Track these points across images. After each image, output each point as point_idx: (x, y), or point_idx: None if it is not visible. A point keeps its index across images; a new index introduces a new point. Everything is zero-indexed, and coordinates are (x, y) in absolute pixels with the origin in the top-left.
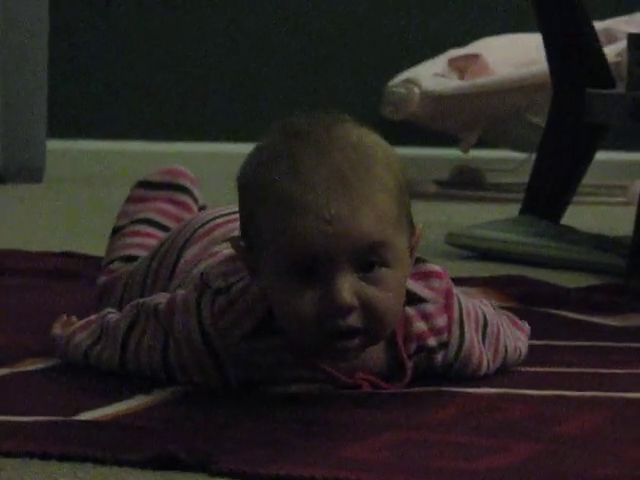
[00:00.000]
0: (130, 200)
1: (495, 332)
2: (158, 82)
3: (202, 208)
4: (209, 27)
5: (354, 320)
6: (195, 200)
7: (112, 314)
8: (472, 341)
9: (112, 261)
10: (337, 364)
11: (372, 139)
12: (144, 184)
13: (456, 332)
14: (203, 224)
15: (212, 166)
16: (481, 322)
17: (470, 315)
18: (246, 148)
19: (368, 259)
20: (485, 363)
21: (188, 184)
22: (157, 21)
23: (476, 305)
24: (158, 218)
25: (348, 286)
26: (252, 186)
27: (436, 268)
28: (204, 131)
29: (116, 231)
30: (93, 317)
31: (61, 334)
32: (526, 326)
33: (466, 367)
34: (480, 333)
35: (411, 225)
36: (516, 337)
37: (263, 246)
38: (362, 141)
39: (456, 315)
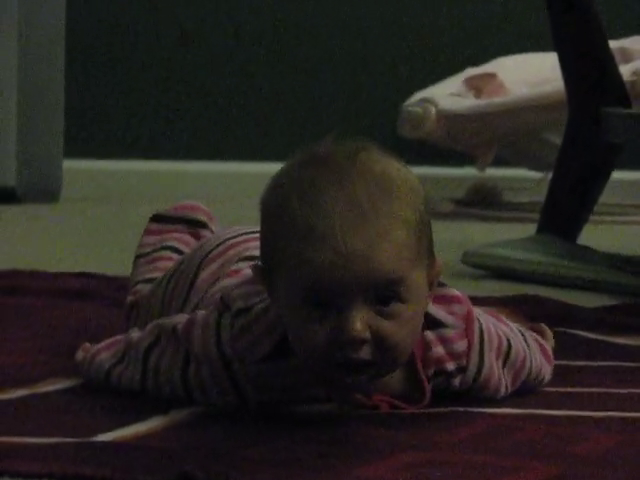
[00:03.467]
0: (148, 232)
1: (520, 358)
2: (175, 102)
3: None
4: (224, 48)
5: (365, 353)
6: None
7: (135, 334)
8: (492, 367)
9: (137, 283)
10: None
11: (396, 170)
12: (160, 218)
13: (475, 358)
14: (218, 244)
15: (228, 185)
16: (504, 348)
17: (492, 341)
18: (261, 168)
19: (384, 294)
20: (503, 389)
21: (205, 219)
22: (173, 42)
23: (500, 330)
24: (180, 246)
25: (361, 319)
26: (271, 213)
27: (456, 293)
28: (220, 150)
29: (139, 257)
30: (119, 337)
31: (84, 356)
32: (549, 349)
33: (483, 391)
34: (502, 359)
35: (432, 256)
36: (543, 364)
37: (280, 273)
38: (385, 172)
39: (476, 340)
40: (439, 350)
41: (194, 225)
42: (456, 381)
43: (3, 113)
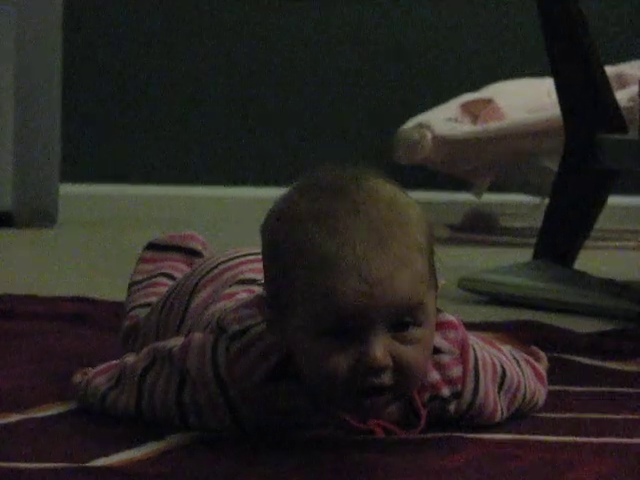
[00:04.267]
0: (143, 261)
1: (515, 384)
2: (172, 127)
3: None
4: (221, 72)
5: (386, 378)
6: None
7: (130, 358)
8: (487, 393)
9: (133, 308)
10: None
11: (401, 195)
12: (154, 246)
13: (470, 384)
14: (212, 268)
15: (224, 210)
16: (499, 373)
17: (487, 367)
18: (256, 193)
19: (403, 320)
20: (499, 414)
21: (200, 248)
22: (172, 66)
23: (494, 356)
24: (175, 274)
25: (383, 346)
26: (282, 244)
27: (451, 318)
28: (217, 176)
29: (133, 285)
30: (114, 362)
31: (81, 379)
32: (543, 372)
33: (479, 416)
34: (497, 384)
35: (435, 278)
36: (537, 388)
37: (295, 303)
38: (394, 198)
39: (471, 366)
40: (434, 376)
41: (189, 254)
42: (451, 407)
43: (0, 137)
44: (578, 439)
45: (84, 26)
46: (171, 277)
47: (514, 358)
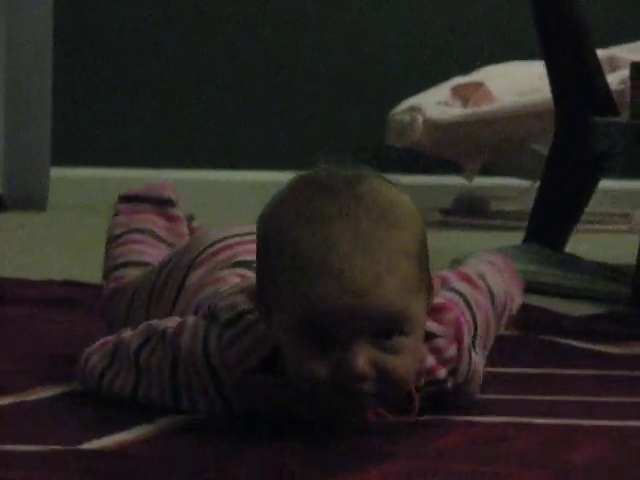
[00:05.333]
0: (120, 213)
1: (500, 306)
2: (162, 110)
3: (190, 217)
4: (214, 55)
5: (368, 386)
6: (189, 218)
7: (126, 334)
8: (475, 357)
9: (115, 268)
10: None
11: (397, 199)
12: (129, 198)
13: (466, 358)
14: (210, 245)
15: (216, 193)
16: (489, 307)
17: (469, 332)
18: (251, 176)
19: (387, 329)
20: (482, 371)
21: (173, 197)
22: (162, 49)
23: (482, 289)
24: (152, 228)
25: (365, 355)
26: (272, 241)
27: (443, 301)
28: (210, 159)
29: (112, 240)
30: (110, 337)
31: (80, 359)
32: (514, 270)
33: (470, 384)
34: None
35: (429, 279)
36: (512, 299)
37: (279, 303)
38: (388, 203)
39: (466, 342)
40: (430, 361)
41: (162, 204)
42: (448, 384)
43: None
44: (571, 421)
45: (76, 8)
46: (148, 232)
47: (481, 277)
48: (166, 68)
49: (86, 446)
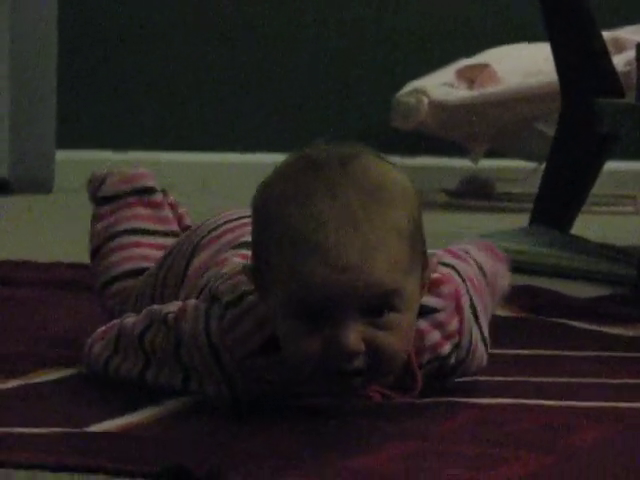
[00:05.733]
0: (98, 218)
1: (491, 279)
2: (168, 93)
3: (173, 205)
4: (217, 37)
5: (359, 363)
6: (164, 196)
7: (129, 319)
8: (477, 336)
9: (112, 281)
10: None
11: (390, 177)
12: (105, 199)
13: (467, 331)
14: (212, 230)
15: (222, 176)
16: (482, 281)
17: (476, 286)
18: (254, 159)
19: (377, 305)
20: (483, 349)
21: (150, 183)
22: (167, 32)
23: (472, 264)
24: (137, 224)
25: (355, 332)
26: (264, 220)
27: (440, 275)
28: (213, 141)
29: (95, 252)
30: (114, 322)
31: (85, 345)
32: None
33: (473, 361)
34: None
35: (424, 259)
36: (499, 274)
37: (272, 281)
38: (379, 181)
39: (467, 315)
40: (434, 336)
41: (140, 193)
42: (452, 359)
43: None
44: (575, 403)
45: None
46: (134, 231)
47: (473, 259)
48: (171, 51)
49: (92, 428)
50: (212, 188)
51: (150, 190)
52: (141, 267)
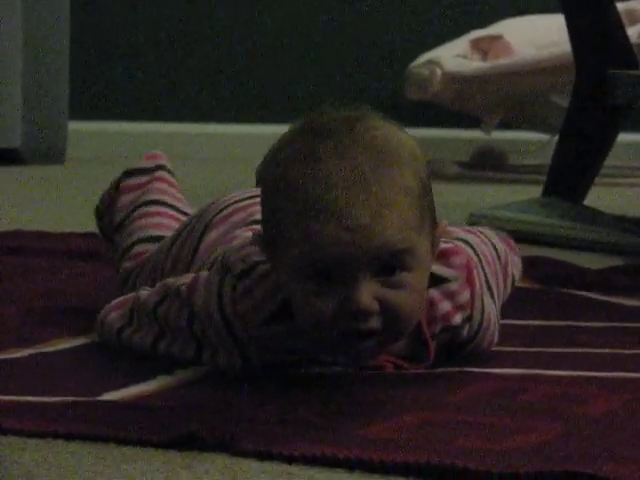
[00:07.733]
0: (124, 190)
1: (504, 262)
2: (179, 64)
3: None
4: (227, 11)
5: (373, 322)
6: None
7: (144, 292)
8: (488, 305)
9: (132, 245)
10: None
11: (396, 137)
12: (134, 172)
13: (479, 304)
14: (223, 208)
15: (233, 147)
16: (496, 261)
17: (481, 280)
18: (266, 130)
19: (389, 264)
20: (495, 323)
21: (168, 165)
22: (179, 3)
23: (487, 243)
24: (160, 197)
25: (368, 291)
26: (271, 185)
27: (452, 245)
28: (225, 113)
29: (121, 223)
30: (130, 295)
31: (99, 315)
32: (511, 241)
33: (485, 334)
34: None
35: (434, 220)
36: (513, 263)
37: (283, 245)
38: (386, 141)
39: (478, 287)
40: (445, 306)
41: (163, 169)
42: (464, 332)
43: (8, 75)
44: (588, 374)
45: None
46: (158, 202)
47: (488, 239)
48: (185, 22)
49: (106, 397)
50: (227, 159)
51: (167, 169)
52: (162, 235)
